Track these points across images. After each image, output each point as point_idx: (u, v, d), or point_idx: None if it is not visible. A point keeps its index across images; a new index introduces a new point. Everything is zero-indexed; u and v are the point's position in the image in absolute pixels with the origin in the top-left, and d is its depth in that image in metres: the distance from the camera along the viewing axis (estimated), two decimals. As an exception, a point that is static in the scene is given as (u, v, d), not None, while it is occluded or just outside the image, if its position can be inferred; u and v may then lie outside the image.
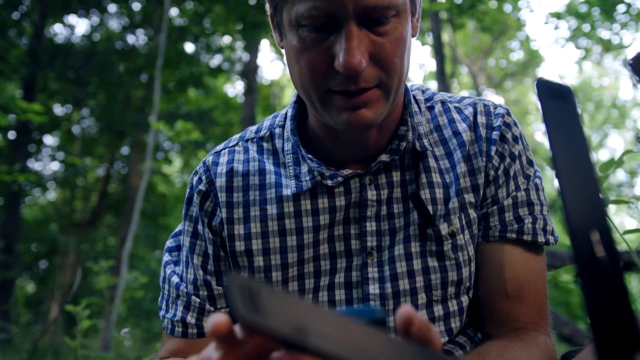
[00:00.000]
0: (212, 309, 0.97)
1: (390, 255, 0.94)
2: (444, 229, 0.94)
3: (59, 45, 10.63)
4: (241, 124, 9.74)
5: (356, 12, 0.78)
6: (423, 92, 1.06)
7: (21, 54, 9.79)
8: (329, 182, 0.93)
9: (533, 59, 16.68)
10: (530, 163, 1.00)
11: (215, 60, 11.97)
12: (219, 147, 1.06)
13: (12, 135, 11.43)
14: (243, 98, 10.93)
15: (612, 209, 1.11)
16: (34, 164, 11.77)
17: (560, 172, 0.41)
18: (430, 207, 0.95)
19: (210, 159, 1.03)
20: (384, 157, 0.94)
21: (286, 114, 1.04)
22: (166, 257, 1.06)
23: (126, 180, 12.37)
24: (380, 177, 0.96)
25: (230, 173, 0.99)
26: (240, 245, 0.96)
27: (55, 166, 12.86)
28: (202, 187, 1.00)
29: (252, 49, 10.67)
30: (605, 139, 20.46)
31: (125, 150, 12.96)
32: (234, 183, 0.99)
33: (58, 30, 12.35)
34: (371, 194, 0.95)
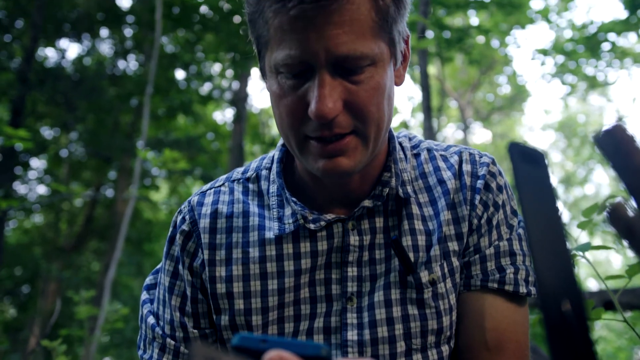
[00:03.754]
0: (186, 351, 0.96)
1: (370, 302, 0.94)
2: (424, 276, 0.94)
3: (49, 69, 10.64)
4: (230, 152, 9.75)
5: (329, 61, 0.79)
6: (410, 139, 1.07)
7: (10, 77, 9.78)
8: (312, 226, 0.93)
9: (520, 93, 16.92)
10: (514, 213, 1.00)
11: (206, 88, 12.04)
12: (205, 187, 1.06)
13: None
14: (232, 126, 10.97)
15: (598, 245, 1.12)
16: (19, 187, 11.67)
17: (531, 236, 0.42)
18: (411, 255, 0.94)
19: (195, 199, 1.03)
20: (367, 203, 0.94)
21: (273, 156, 1.04)
22: (144, 296, 1.05)
23: (112, 206, 12.28)
24: (363, 222, 0.96)
25: (215, 214, 0.99)
26: (221, 288, 0.95)
27: (41, 189, 12.75)
28: (185, 227, 1.00)
29: (242, 77, 10.74)
30: (590, 174, 20.71)
31: (112, 175, 12.90)
32: (217, 224, 0.98)
33: (49, 53, 12.39)
34: (353, 239, 0.95)
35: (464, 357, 0.96)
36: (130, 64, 11.77)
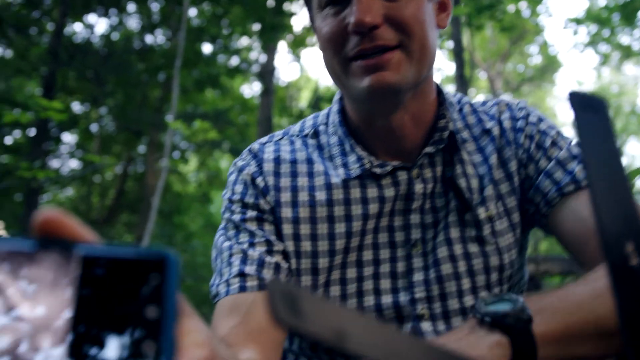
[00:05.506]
0: (272, 260, 0.93)
1: (433, 245, 0.96)
2: (482, 213, 0.96)
3: (78, 44, 10.74)
4: (258, 125, 9.77)
5: None
6: (452, 96, 1.09)
7: (41, 53, 9.91)
8: (378, 170, 0.94)
9: (551, 64, 16.57)
10: (561, 134, 1.02)
11: (233, 62, 12.03)
12: (262, 140, 1.07)
13: (31, 132, 11.58)
14: (259, 99, 10.97)
15: None
16: (52, 162, 11.91)
17: (593, 183, 0.42)
18: (466, 196, 0.97)
19: (255, 146, 1.03)
20: (429, 149, 0.96)
21: (328, 112, 1.06)
22: (218, 234, 1.01)
23: (143, 179, 12.47)
24: (425, 170, 0.97)
25: (278, 160, 1.00)
26: (288, 229, 0.95)
27: (73, 163, 12.99)
28: (249, 169, 0.99)
29: (269, 50, 10.71)
30: (623, 145, 20.24)
31: (142, 149, 13.05)
32: (281, 169, 0.99)
33: (77, 29, 12.49)
34: (418, 187, 0.96)
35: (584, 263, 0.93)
36: (157, 39, 11.81)
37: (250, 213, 0.96)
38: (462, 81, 4.71)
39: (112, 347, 0.35)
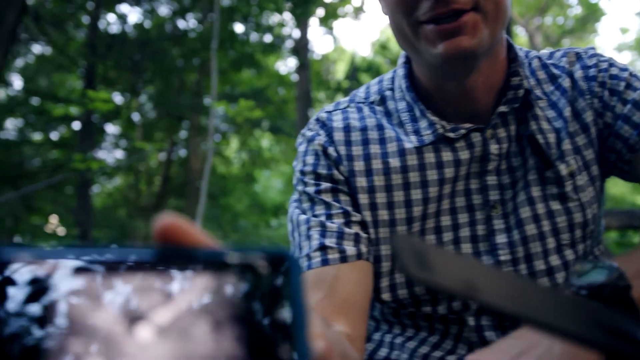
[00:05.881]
0: (351, 232, 0.91)
1: (514, 205, 0.93)
2: (563, 169, 0.93)
3: (115, 35, 10.89)
4: (297, 101, 9.76)
5: None
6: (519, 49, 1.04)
7: (80, 46, 10.09)
8: (452, 135, 0.92)
9: (592, 13, 15.95)
10: (635, 75, 0.97)
11: (266, 39, 12.00)
12: (328, 108, 1.04)
13: (76, 126, 11.88)
14: (296, 75, 10.94)
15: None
16: (98, 153, 12.20)
17: None
18: (546, 152, 0.93)
19: (323, 115, 1.01)
20: (503, 108, 0.92)
21: (393, 77, 1.02)
22: (292, 207, 0.99)
23: (186, 164, 12.66)
24: (499, 130, 0.94)
25: (348, 128, 0.97)
26: (364, 199, 0.93)
27: (118, 154, 13.28)
28: (319, 139, 0.97)
29: (302, 24, 10.63)
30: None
31: (183, 134, 13.24)
32: (351, 137, 0.96)
33: (111, 20, 12.66)
34: (494, 147, 0.93)
35: None
36: (189, 23, 11.87)
37: (325, 184, 0.94)
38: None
39: (251, 355, 0.34)
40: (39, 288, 0.33)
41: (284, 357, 0.34)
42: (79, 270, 0.34)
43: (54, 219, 13.10)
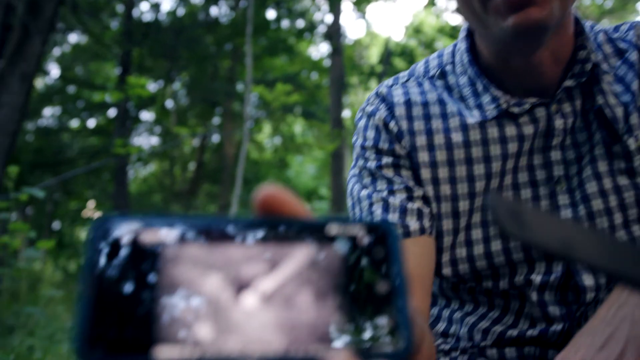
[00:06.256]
0: (414, 207, 0.91)
1: (579, 180, 0.92)
2: (631, 143, 0.90)
3: (149, 23, 11.01)
4: (331, 86, 9.73)
5: None
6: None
7: (116, 35, 10.23)
8: (516, 110, 0.90)
9: (633, -8, 15.45)
10: None
11: (298, 25, 11.98)
12: (388, 82, 1.03)
13: (111, 113, 12.08)
14: (328, 60, 10.90)
15: None
16: (133, 140, 12.40)
17: None
18: (615, 127, 0.91)
19: (383, 90, 1.00)
20: (569, 83, 0.90)
21: (453, 51, 1.01)
22: (352, 182, 0.99)
23: (220, 150, 12.78)
24: (564, 105, 0.92)
25: (409, 103, 0.96)
26: (426, 173, 0.93)
27: (153, 140, 13.47)
28: (380, 114, 0.96)
29: (335, 9, 10.57)
30: None
31: (216, 120, 13.35)
32: (413, 112, 0.96)
33: (144, 8, 12.79)
34: (558, 122, 0.91)
35: None
36: (221, 10, 11.91)
37: (386, 159, 0.94)
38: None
39: (352, 324, 0.35)
40: (149, 255, 0.35)
41: (385, 326, 0.35)
42: (185, 238, 0.35)
43: (91, 204, 13.39)
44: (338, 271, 0.36)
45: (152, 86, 12.54)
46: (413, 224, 0.89)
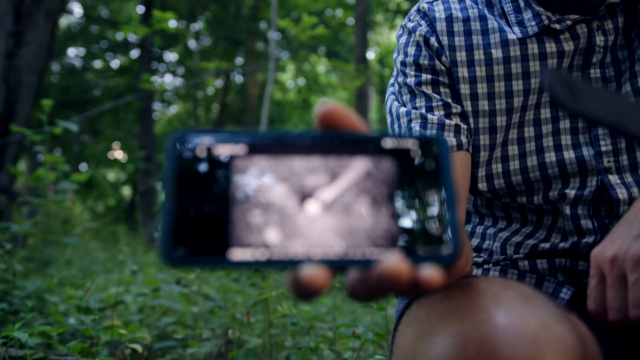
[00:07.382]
0: (452, 123, 0.92)
1: None
2: None
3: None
4: (356, 24, 9.54)
5: None
6: None
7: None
8: (557, 26, 0.90)
9: None
10: None
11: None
12: None
13: (135, 54, 12.04)
14: (353, -3, 10.62)
15: None
16: (157, 80, 12.39)
17: None
18: None
19: (424, 6, 1.00)
20: None
21: None
22: (392, 99, 1.00)
23: (243, 90, 12.74)
24: (606, 22, 0.91)
25: (450, 18, 0.96)
26: (465, 89, 0.94)
27: (177, 81, 13.44)
28: (421, 30, 0.97)
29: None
30: None
31: (239, 60, 13.25)
32: (454, 28, 0.96)
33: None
34: (599, 39, 0.91)
35: None
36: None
37: (425, 76, 0.95)
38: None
39: (404, 230, 0.38)
40: (222, 165, 0.38)
41: (436, 236, 0.38)
42: (254, 151, 0.39)
43: (116, 145, 13.56)
44: (392, 181, 0.39)
45: (175, 25, 12.41)
46: (450, 139, 0.91)
